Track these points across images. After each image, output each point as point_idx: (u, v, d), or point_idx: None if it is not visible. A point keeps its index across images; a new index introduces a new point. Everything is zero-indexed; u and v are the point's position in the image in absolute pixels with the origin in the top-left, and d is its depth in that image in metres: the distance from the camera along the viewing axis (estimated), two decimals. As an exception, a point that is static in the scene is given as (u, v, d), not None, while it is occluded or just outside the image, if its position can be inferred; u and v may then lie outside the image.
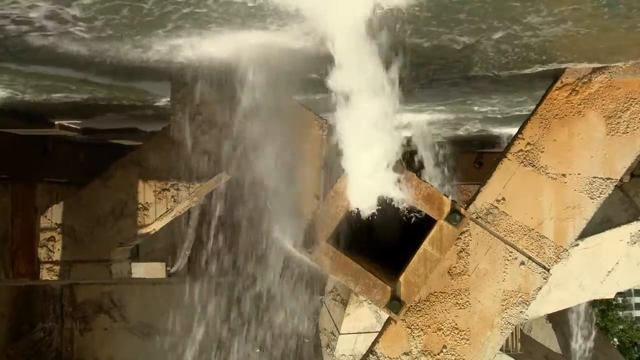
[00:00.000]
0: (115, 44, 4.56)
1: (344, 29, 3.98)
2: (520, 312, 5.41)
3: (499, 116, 8.39)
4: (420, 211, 5.20)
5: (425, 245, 5.20)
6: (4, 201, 9.42)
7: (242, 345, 7.72)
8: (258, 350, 7.91)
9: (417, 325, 5.42)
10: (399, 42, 4.27)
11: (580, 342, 11.69)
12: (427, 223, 5.25)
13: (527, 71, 5.57)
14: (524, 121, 5.52)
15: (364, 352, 5.78)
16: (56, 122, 8.62)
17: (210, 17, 4.04)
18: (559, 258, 5.41)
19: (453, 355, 5.40)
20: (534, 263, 5.38)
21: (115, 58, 4.94)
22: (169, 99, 6.33)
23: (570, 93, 5.37)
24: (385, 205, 5.13)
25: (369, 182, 5.01)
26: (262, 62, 4.95)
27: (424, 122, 9.05)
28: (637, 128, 5.31)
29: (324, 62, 4.27)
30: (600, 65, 5.30)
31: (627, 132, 5.32)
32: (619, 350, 24.37)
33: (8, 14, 3.89)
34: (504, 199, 5.41)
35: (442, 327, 5.41)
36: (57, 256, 7.51)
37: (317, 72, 4.58)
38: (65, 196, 9.21)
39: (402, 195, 5.10)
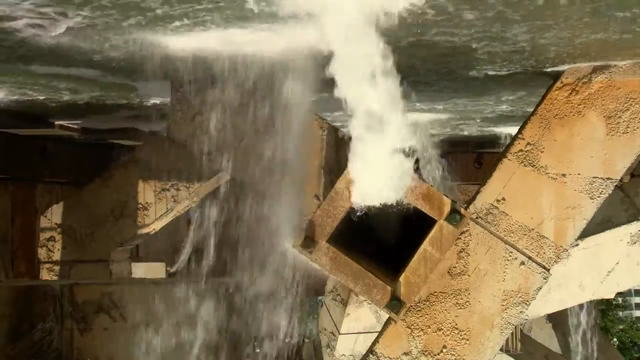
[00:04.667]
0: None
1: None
2: (520, 312, 5.41)
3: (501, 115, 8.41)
4: (421, 210, 5.20)
5: (425, 245, 5.19)
6: (4, 201, 9.42)
7: (242, 343, 7.73)
8: (258, 350, 7.92)
9: (417, 325, 5.42)
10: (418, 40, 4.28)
11: (581, 344, 11.70)
12: (427, 223, 5.24)
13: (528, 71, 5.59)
14: (524, 121, 5.52)
15: (364, 352, 5.78)
16: (56, 122, 8.62)
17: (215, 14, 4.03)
18: (559, 258, 5.41)
19: (453, 355, 5.40)
20: (534, 263, 5.38)
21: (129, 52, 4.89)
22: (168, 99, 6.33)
23: (570, 93, 5.37)
24: (385, 205, 5.12)
25: (370, 181, 5.00)
26: (263, 61, 4.95)
27: (427, 121, 9.06)
28: (637, 128, 5.31)
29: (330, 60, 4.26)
30: (601, 64, 5.30)
31: (627, 132, 5.32)
32: (619, 350, 24.35)
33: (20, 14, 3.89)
34: (504, 199, 5.41)
35: (442, 327, 5.41)
36: (57, 256, 7.52)
37: (323, 71, 4.57)
38: (65, 196, 9.22)
39: (402, 195, 5.09)
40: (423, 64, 5.38)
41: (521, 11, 3.99)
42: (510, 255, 5.39)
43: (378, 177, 4.91)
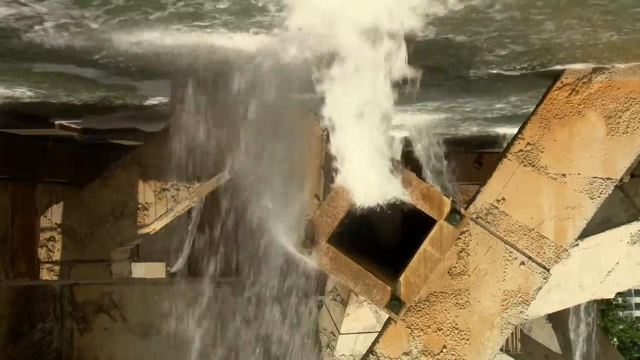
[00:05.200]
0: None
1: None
2: (520, 312, 5.41)
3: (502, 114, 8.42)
4: (421, 211, 5.19)
5: (425, 245, 5.19)
6: (4, 201, 9.42)
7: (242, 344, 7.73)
8: (258, 350, 7.92)
9: (417, 325, 5.42)
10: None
11: (581, 345, 11.71)
12: (427, 223, 5.24)
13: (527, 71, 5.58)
14: (524, 121, 5.52)
15: (364, 352, 5.78)
16: (56, 122, 8.62)
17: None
18: (559, 258, 5.41)
19: (453, 355, 5.40)
20: (534, 263, 5.38)
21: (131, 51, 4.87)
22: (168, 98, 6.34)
23: (570, 93, 5.37)
24: (385, 205, 5.12)
25: (369, 181, 5.00)
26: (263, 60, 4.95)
27: (427, 120, 9.06)
28: (637, 128, 5.31)
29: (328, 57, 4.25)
30: (601, 65, 5.30)
31: (627, 132, 5.32)
32: (619, 350, 24.37)
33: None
34: (504, 199, 5.41)
35: (442, 327, 5.41)
36: (57, 256, 7.52)
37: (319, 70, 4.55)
38: (65, 196, 9.21)
39: (402, 195, 5.09)
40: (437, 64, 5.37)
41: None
42: (510, 255, 5.39)
43: (366, 175, 4.90)
